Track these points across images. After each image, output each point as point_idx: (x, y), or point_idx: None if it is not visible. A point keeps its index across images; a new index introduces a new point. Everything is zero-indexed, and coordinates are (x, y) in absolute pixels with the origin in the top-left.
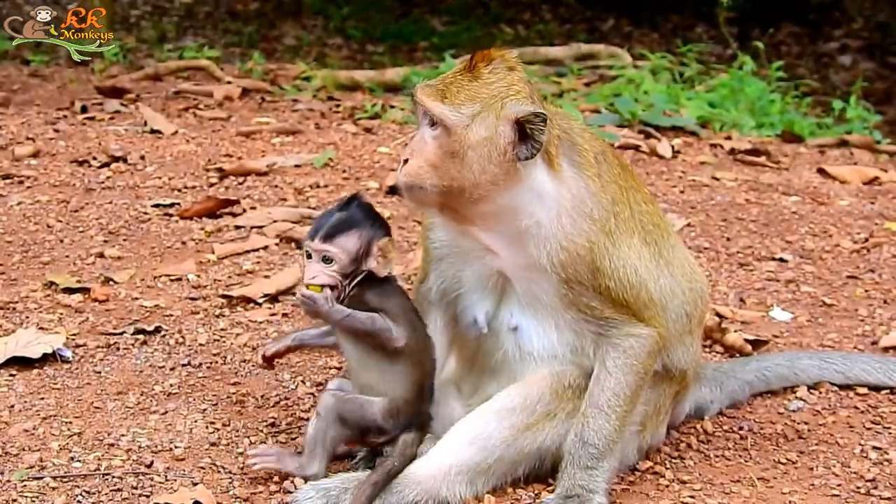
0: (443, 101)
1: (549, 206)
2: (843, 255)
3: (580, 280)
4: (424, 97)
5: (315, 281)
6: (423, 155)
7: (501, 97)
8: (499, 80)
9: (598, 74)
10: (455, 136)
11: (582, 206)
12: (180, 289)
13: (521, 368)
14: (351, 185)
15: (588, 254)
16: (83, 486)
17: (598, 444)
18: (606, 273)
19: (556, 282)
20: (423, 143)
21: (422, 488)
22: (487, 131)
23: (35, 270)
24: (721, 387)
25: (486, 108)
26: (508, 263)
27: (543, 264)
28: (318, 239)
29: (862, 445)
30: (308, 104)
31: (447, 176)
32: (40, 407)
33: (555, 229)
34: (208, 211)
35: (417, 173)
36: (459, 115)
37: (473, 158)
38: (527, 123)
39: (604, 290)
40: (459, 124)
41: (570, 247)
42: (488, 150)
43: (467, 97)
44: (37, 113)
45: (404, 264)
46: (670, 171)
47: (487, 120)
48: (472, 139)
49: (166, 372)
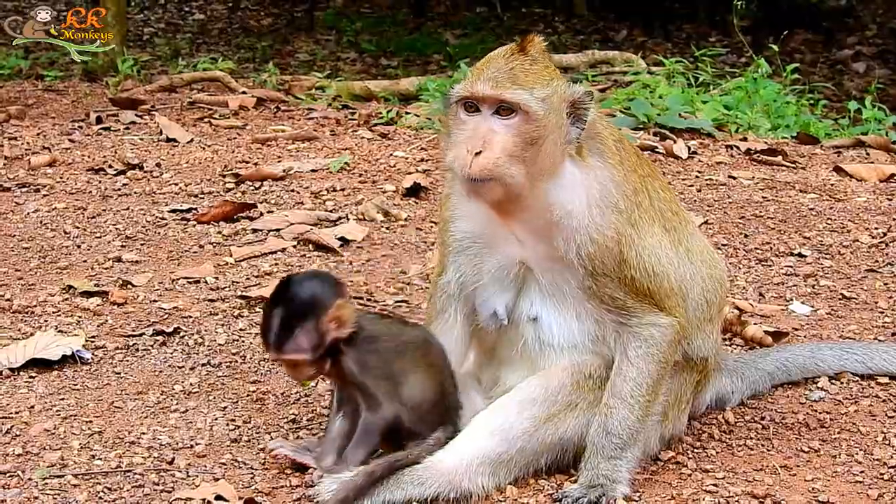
0: (520, 88)
1: (578, 197)
2: (862, 250)
3: (606, 272)
4: (494, 88)
5: (299, 379)
6: (500, 145)
7: (558, 78)
8: (548, 61)
9: (613, 80)
10: (535, 121)
11: (609, 196)
12: (198, 291)
13: (542, 359)
14: (367, 188)
15: (616, 245)
16: (105, 483)
17: (622, 434)
18: (632, 264)
19: (583, 274)
20: (493, 134)
21: (444, 480)
22: (557, 115)
23: (53, 275)
24: (742, 377)
25: (553, 91)
26: (534, 254)
27: (571, 258)
28: (271, 353)
29: (884, 433)
30: (323, 112)
31: (523, 164)
32: (60, 407)
33: (586, 220)
34: (225, 215)
35: (497, 164)
36: (537, 100)
37: (549, 144)
38: (580, 104)
39: (629, 282)
40: (540, 108)
41: (600, 239)
42: (558, 133)
43: (536, 81)
44: (52, 125)
45: (422, 263)
46: (687, 171)
47: (554, 102)
48: (550, 123)
49: (186, 371)
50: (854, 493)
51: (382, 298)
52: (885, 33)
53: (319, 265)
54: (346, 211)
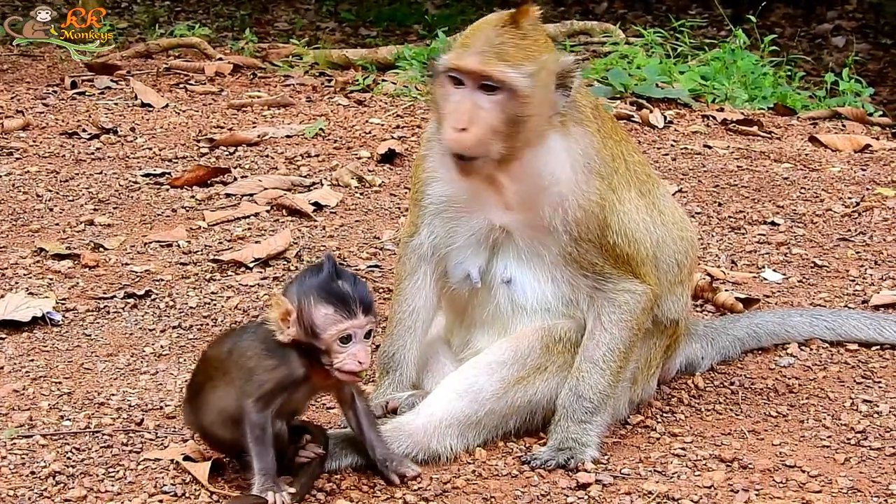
0: (506, 64)
1: (563, 164)
2: (835, 219)
3: (590, 238)
4: (481, 63)
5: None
6: (485, 122)
7: (549, 51)
8: (539, 34)
9: (592, 51)
10: (521, 98)
11: (591, 163)
12: (171, 254)
13: (513, 321)
14: (342, 154)
15: (601, 211)
16: (73, 444)
17: (593, 398)
18: (614, 229)
19: (566, 239)
20: (478, 110)
21: (412, 440)
22: (544, 89)
23: (24, 238)
24: (712, 343)
25: (541, 66)
26: (517, 221)
27: (556, 224)
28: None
29: (852, 399)
30: (299, 79)
31: (508, 140)
32: (30, 368)
33: (572, 186)
34: (199, 180)
35: (481, 142)
36: (524, 77)
37: (535, 119)
38: (568, 74)
39: (610, 247)
40: (527, 85)
41: (586, 205)
42: (546, 108)
43: (524, 56)
44: (27, 89)
45: (396, 229)
46: (662, 141)
47: (542, 77)
48: (537, 99)
49: (157, 334)
50: (821, 457)
51: (355, 263)
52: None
53: (293, 230)
54: (321, 176)
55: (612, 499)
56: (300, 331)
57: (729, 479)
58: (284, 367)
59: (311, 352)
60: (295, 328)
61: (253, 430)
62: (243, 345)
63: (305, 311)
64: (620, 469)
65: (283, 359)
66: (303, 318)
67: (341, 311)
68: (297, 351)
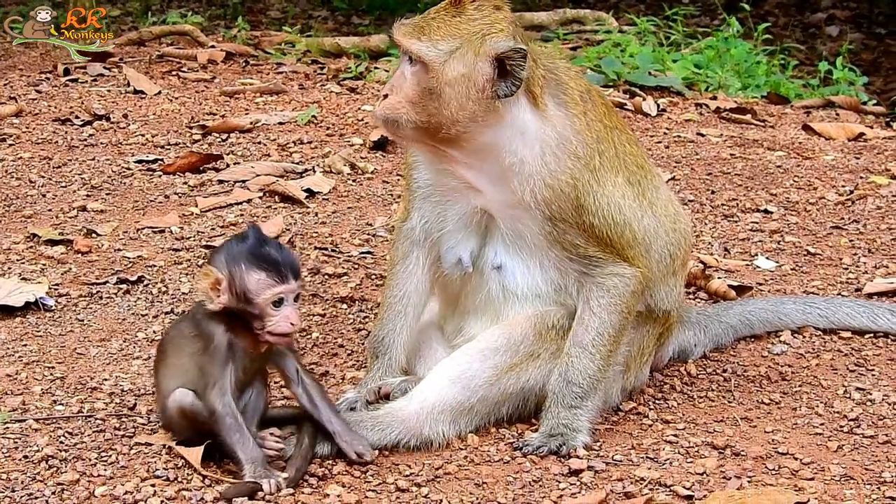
0: (420, 38)
1: (532, 144)
2: (828, 207)
3: (564, 217)
4: (401, 35)
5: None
6: (402, 91)
7: (482, 34)
8: (482, 17)
9: (585, 39)
10: (432, 72)
11: (566, 143)
12: (163, 240)
13: (505, 308)
14: (335, 141)
15: (572, 191)
16: (66, 428)
17: (582, 383)
18: (590, 210)
19: (541, 219)
20: (402, 79)
21: (405, 427)
22: (465, 68)
23: (17, 224)
24: (705, 330)
25: (465, 45)
26: (493, 201)
27: (528, 201)
28: (297, 283)
29: (845, 387)
30: (292, 67)
31: (424, 112)
32: (23, 353)
33: (538, 166)
34: (191, 166)
35: (395, 108)
36: (437, 52)
37: (451, 95)
38: (507, 60)
39: (588, 228)
40: (436, 60)
41: (554, 184)
42: (466, 86)
43: (446, 33)
44: (19, 76)
45: (388, 215)
46: (655, 129)
47: (466, 56)
48: (449, 75)
49: (149, 320)
50: (813, 444)
51: (348, 250)
52: None
53: (285, 216)
54: (313, 163)
55: (604, 485)
56: (231, 298)
57: (721, 466)
58: (211, 342)
59: (239, 319)
60: (226, 296)
61: (224, 422)
62: (175, 330)
63: (237, 277)
64: (612, 455)
65: (209, 334)
66: (234, 285)
67: (273, 276)
68: (223, 322)
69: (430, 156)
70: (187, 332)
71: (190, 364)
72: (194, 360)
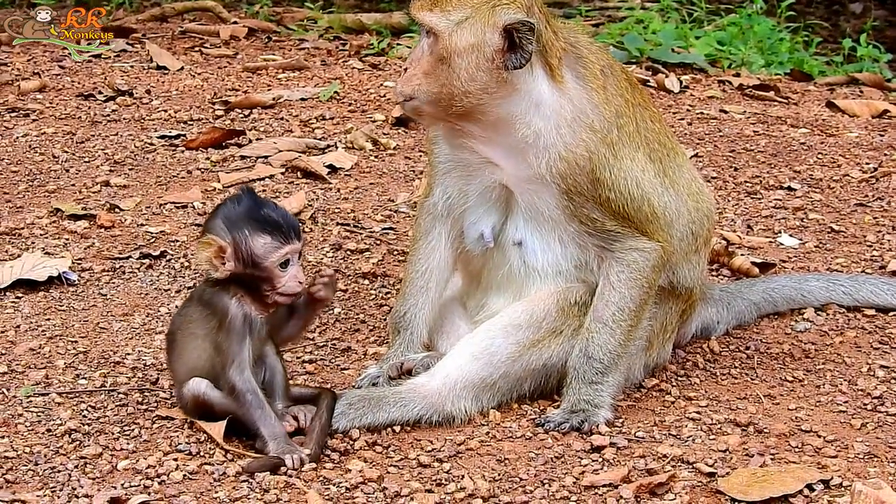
0: (432, 10)
1: (547, 117)
2: (852, 184)
3: (580, 191)
4: (416, 8)
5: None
6: (420, 64)
7: (492, 5)
8: None
9: (607, 16)
10: (442, 41)
11: (583, 116)
12: (186, 216)
13: (527, 284)
14: (357, 117)
15: (588, 164)
16: (88, 402)
17: (603, 358)
18: (606, 184)
19: (557, 193)
20: (419, 53)
21: (427, 402)
22: (475, 37)
23: (41, 198)
24: (728, 307)
25: (476, 15)
26: (510, 175)
27: (543, 174)
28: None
29: (869, 364)
30: (314, 43)
31: (437, 83)
32: (46, 327)
33: (553, 139)
34: (214, 142)
35: (411, 81)
36: (447, 22)
37: (461, 65)
38: (515, 32)
39: (604, 202)
40: (445, 30)
41: (570, 157)
42: (476, 56)
43: (458, 4)
44: (42, 51)
45: (410, 191)
46: (678, 105)
47: (475, 26)
48: (459, 45)
49: (172, 294)
50: (837, 422)
51: (370, 226)
52: None
53: (307, 192)
54: (335, 139)
55: (627, 461)
56: (238, 264)
57: (744, 444)
58: (226, 317)
59: (245, 284)
60: (232, 262)
61: (245, 398)
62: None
63: (243, 243)
64: (635, 432)
65: (223, 309)
66: (240, 251)
67: (278, 238)
68: (231, 291)
69: (447, 132)
70: (196, 316)
71: (203, 348)
72: (209, 340)
